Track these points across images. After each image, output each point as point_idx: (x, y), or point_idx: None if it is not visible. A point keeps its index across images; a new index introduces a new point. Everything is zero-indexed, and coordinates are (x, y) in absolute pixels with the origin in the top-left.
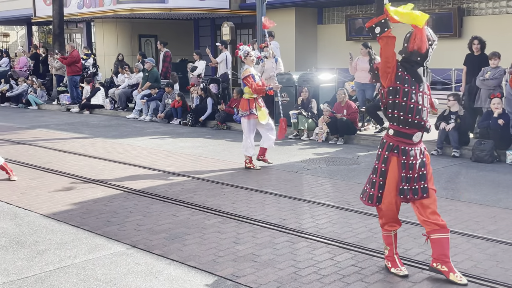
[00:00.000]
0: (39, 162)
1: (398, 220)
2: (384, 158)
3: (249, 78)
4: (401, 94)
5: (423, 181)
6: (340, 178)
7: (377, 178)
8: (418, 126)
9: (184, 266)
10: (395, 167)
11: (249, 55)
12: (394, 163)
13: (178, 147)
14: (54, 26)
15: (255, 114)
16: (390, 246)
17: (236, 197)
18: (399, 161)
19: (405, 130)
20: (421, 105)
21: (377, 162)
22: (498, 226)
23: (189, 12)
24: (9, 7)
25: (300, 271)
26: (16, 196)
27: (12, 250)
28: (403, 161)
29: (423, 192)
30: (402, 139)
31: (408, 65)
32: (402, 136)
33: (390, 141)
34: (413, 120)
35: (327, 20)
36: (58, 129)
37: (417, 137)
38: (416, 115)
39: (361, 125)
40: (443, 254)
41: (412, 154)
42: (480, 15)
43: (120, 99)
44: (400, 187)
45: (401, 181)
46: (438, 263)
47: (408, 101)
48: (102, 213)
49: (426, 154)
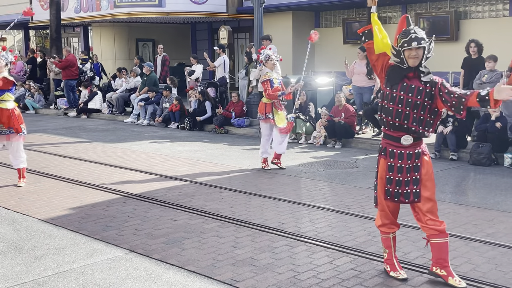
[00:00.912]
0: (36, 167)
1: (395, 222)
2: (377, 160)
3: (266, 83)
4: (387, 97)
5: (416, 185)
6: (339, 181)
7: (375, 180)
8: (403, 129)
9: (183, 271)
10: (382, 168)
11: (270, 59)
12: (382, 165)
13: (176, 151)
14: (51, 30)
15: (270, 118)
16: (389, 249)
17: (234, 201)
18: (385, 163)
19: (391, 133)
20: (401, 108)
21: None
22: (496, 229)
23: (186, 16)
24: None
25: (299, 275)
26: (14, 201)
27: (10, 255)
28: (389, 163)
29: (414, 197)
30: (390, 142)
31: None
32: (390, 139)
33: (381, 143)
34: (394, 123)
35: (324, 24)
36: (56, 134)
37: (406, 140)
38: (396, 117)
39: (359, 129)
40: (442, 258)
41: (401, 157)
42: (476, 18)
43: (117, 103)
44: (386, 189)
45: (387, 183)
46: (437, 267)
47: (394, 105)
48: (100, 217)
49: (423, 159)
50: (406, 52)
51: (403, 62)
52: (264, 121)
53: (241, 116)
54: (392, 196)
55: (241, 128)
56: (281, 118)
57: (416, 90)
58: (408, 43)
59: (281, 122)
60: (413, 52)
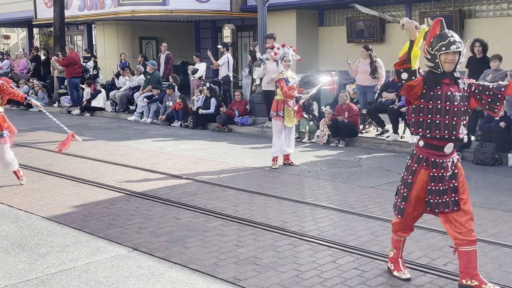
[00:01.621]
0: (40, 165)
1: (412, 228)
2: (413, 170)
3: (282, 81)
4: (430, 111)
5: (454, 193)
6: (342, 180)
7: (404, 190)
8: (449, 138)
9: (186, 269)
10: (422, 180)
11: (284, 59)
12: (422, 176)
13: (179, 149)
14: (55, 28)
15: (281, 116)
16: (397, 250)
17: (237, 200)
18: (427, 173)
19: (435, 143)
20: (448, 119)
21: (405, 173)
22: (500, 229)
23: (190, 14)
24: (10, 9)
25: (302, 274)
26: (17, 199)
27: (14, 253)
28: (432, 173)
29: (453, 205)
30: (432, 151)
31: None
32: (432, 148)
33: (420, 153)
34: (442, 136)
35: (328, 22)
36: (59, 132)
37: (449, 148)
38: (445, 130)
39: (363, 128)
40: (471, 266)
41: (443, 166)
42: (481, 17)
43: (121, 102)
44: (426, 200)
45: (428, 194)
46: (467, 278)
47: (441, 117)
48: (103, 215)
49: (459, 166)
50: (442, 56)
51: (438, 66)
52: (275, 119)
53: (245, 114)
54: (433, 207)
55: (244, 127)
56: (291, 119)
57: (459, 97)
58: (447, 46)
59: (290, 123)
60: (450, 57)
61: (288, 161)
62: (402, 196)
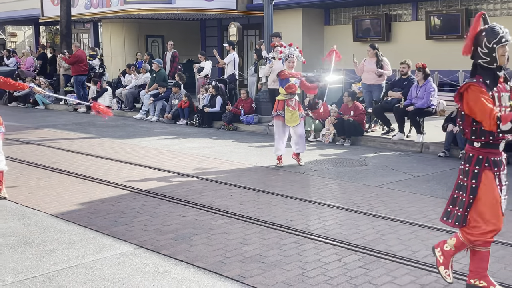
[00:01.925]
0: (46, 162)
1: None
2: (474, 173)
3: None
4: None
5: (506, 193)
6: (347, 179)
7: (467, 197)
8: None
9: (191, 267)
10: (490, 181)
11: (288, 60)
12: (489, 177)
13: (185, 147)
14: (62, 26)
15: (281, 116)
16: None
17: (243, 198)
18: (492, 174)
19: (493, 141)
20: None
21: (465, 179)
22: (506, 228)
23: (196, 12)
24: (17, 7)
25: (308, 273)
26: (24, 196)
27: (20, 250)
28: (496, 173)
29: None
30: (491, 150)
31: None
32: (491, 147)
33: (478, 154)
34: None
35: (334, 21)
36: (65, 129)
37: (502, 144)
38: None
39: (368, 127)
40: (481, 267)
41: (501, 164)
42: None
43: (127, 100)
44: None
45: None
46: (476, 279)
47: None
48: (109, 213)
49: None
50: (500, 49)
51: (495, 60)
52: (275, 118)
53: (250, 113)
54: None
55: (250, 125)
56: (293, 119)
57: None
58: (506, 38)
59: (291, 123)
60: (506, 49)
61: (296, 158)
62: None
